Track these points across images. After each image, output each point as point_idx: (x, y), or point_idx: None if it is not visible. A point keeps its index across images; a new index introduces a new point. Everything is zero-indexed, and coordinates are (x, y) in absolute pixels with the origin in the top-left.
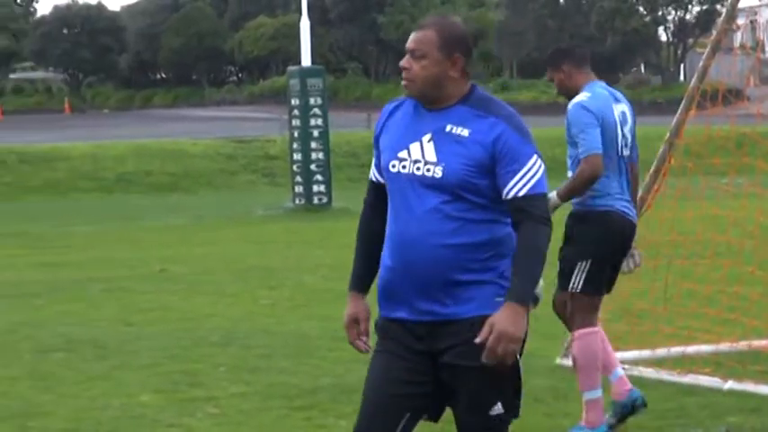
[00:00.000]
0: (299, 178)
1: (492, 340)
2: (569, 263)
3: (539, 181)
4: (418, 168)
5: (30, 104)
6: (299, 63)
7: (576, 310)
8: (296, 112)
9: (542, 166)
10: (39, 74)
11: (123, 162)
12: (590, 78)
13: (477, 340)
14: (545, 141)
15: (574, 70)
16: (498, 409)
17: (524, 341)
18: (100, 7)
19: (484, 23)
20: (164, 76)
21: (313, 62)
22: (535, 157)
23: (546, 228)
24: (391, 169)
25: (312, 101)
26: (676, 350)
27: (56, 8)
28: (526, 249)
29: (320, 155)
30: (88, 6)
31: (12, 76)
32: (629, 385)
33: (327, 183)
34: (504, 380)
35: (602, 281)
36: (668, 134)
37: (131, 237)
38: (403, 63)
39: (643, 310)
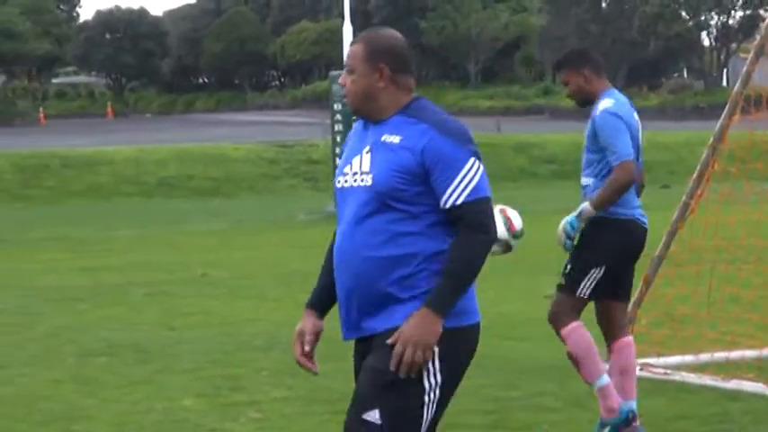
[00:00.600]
0: None
1: (398, 346)
2: (583, 268)
3: (476, 186)
4: (356, 180)
5: (72, 109)
6: (342, 68)
7: (570, 309)
8: (338, 116)
9: (480, 170)
10: (81, 78)
11: (165, 166)
12: (608, 85)
13: (389, 341)
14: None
15: (593, 75)
16: (374, 416)
17: (445, 364)
18: (142, 12)
19: (526, 28)
20: (206, 80)
21: None
22: (472, 161)
23: (484, 237)
24: (337, 185)
25: None
26: (720, 355)
27: (98, 13)
28: (457, 259)
29: None
30: (131, 11)
31: (55, 80)
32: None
33: None
34: (394, 391)
35: (606, 288)
36: (712, 139)
37: (173, 241)
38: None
39: (686, 315)
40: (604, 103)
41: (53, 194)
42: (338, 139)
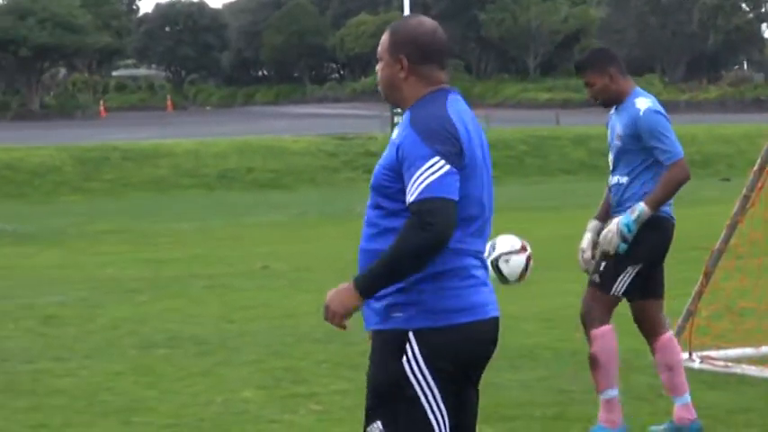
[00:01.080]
0: None
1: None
2: (618, 266)
3: (430, 185)
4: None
5: (132, 101)
6: None
7: (603, 308)
8: (397, 109)
9: (442, 170)
10: (141, 71)
11: (225, 159)
12: (634, 85)
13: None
14: None
15: (619, 75)
16: (377, 427)
17: (430, 364)
18: (202, 5)
19: (586, 21)
20: (265, 73)
21: None
22: (434, 159)
23: (425, 234)
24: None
25: None
26: None
27: (158, 6)
28: (392, 247)
29: None
30: (190, 4)
31: (115, 73)
32: (694, 415)
33: None
34: (390, 402)
35: (640, 287)
36: None
37: (233, 233)
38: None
39: (746, 307)
40: (644, 102)
41: (113, 187)
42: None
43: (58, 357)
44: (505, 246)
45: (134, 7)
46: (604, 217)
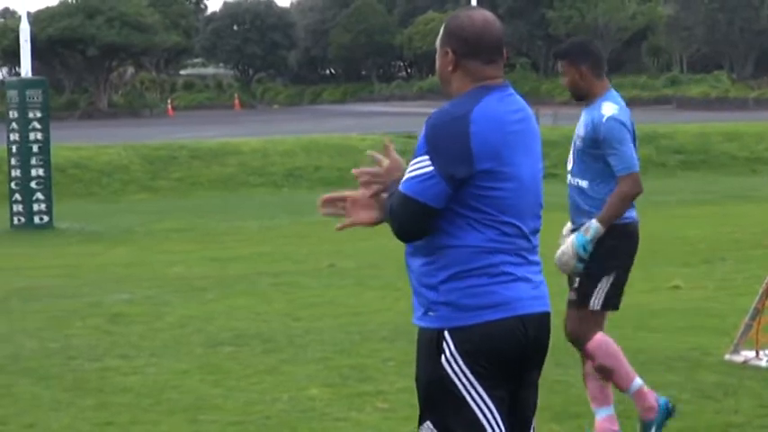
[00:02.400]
0: None
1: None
2: (592, 279)
3: (408, 180)
4: None
5: (200, 100)
6: None
7: (588, 325)
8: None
9: (423, 169)
10: (209, 70)
11: (292, 157)
12: (607, 85)
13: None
14: (713, 136)
15: (591, 73)
16: (428, 427)
17: (466, 359)
18: (269, 3)
19: (653, 18)
20: (333, 71)
21: None
22: (423, 157)
23: (392, 224)
24: None
25: None
26: None
27: (226, 5)
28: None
29: None
30: (258, 2)
31: (182, 72)
32: (617, 427)
33: None
34: (437, 401)
35: (621, 294)
36: None
37: (300, 232)
38: None
39: None
40: (609, 109)
41: (181, 186)
42: None
43: (124, 355)
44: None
45: (202, 6)
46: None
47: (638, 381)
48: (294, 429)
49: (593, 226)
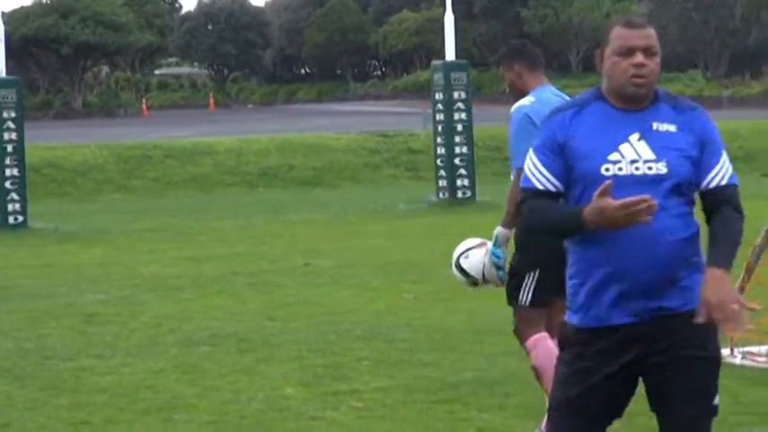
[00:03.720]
0: (442, 172)
1: (713, 314)
2: (516, 276)
3: (733, 172)
4: (637, 168)
5: (175, 100)
6: (443, 57)
7: (528, 321)
8: (440, 106)
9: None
10: (184, 69)
11: (267, 156)
12: (541, 82)
13: (700, 320)
14: None
15: (525, 71)
16: (717, 399)
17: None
18: (243, 3)
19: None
20: (308, 70)
21: (457, 56)
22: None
23: (742, 217)
24: (605, 173)
25: (456, 95)
26: None
27: (200, 4)
28: (726, 230)
29: (464, 149)
30: (232, 2)
31: (157, 71)
32: None
33: (471, 177)
34: (717, 373)
35: (550, 286)
36: None
37: (275, 231)
38: (640, 60)
39: None
40: (524, 100)
41: (156, 185)
42: (439, 128)
43: (99, 355)
44: (464, 245)
45: (176, 5)
46: None
47: None
48: (269, 429)
49: (497, 232)
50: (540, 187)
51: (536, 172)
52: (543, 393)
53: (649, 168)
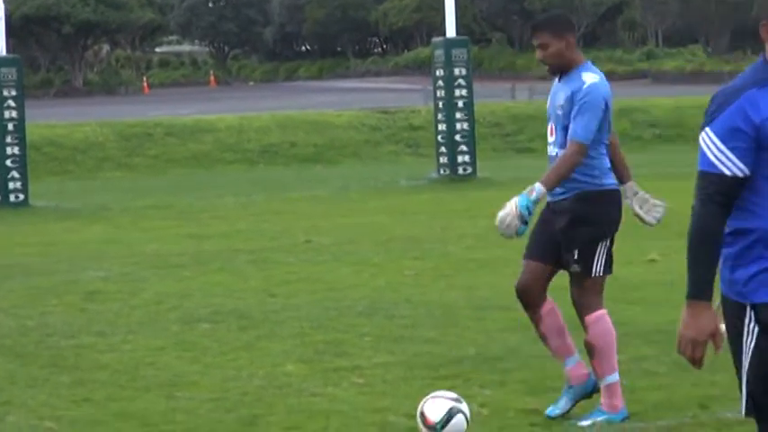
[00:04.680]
0: (443, 149)
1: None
2: (590, 246)
3: None
4: None
5: (175, 78)
6: (444, 34)
7: (594, 292)
8: (440, 82)
9: None
10: (184, 47)
11: (268, 134)
12: (584, 58)
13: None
14: (689, 110)
15: (574, 44)
16: None
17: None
18: None
19: None
20: (308, 48)
21: (457, 33)
22: None
23: None
24: None
25: (457, 71)
26: None
27: None
28: None
29: (465, 125)
30: None
31: (158, 49)
32: (588, 370)
33: (472, 153)
34: None
35: (612, 260)
36: None
37: (276, 208)
38: None
39: None
40: (591, 77)
41: (157, 163)
42: (440, 105)
43: (100, 332)
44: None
45: None
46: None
47: (616, 376)
48: (270, 405)
49: (537, 187)
50: (728, 173)
51: (722, 157)
52: (545, 367)
53: None
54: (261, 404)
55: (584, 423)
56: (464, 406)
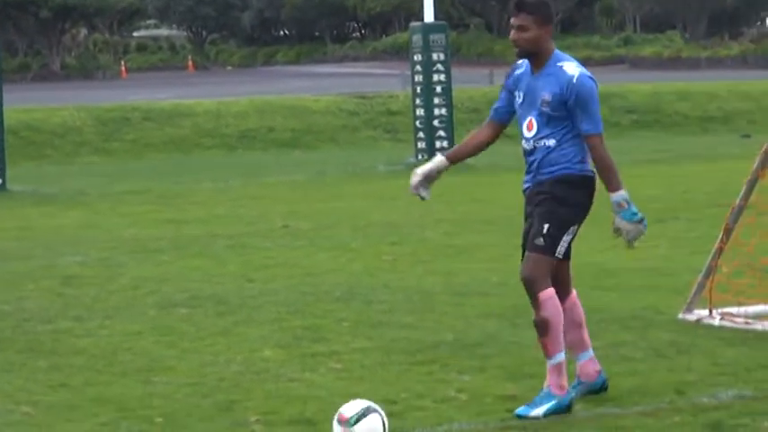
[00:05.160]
0: (421, 134)
1: None
2: (562, 226)
3: None
4: None
5: (153, 62)
6: (422, 19)
7: (547, 273)
8: (418, 67)
9: None
10: (162, 31)
11: (245, 119)
12: (553, 45)
13: None
14: (666, 96)
15: (550, 34)
16: None
17: None
18: None
19: None
20: (286, 32)
21: (436, 18)
22: None
23: None
24: None
25: (435, 56)
26: None
27: None
28: None
29: (443, 110)
30: None
31: (135, 33)
32: (599, 366)
33: (450, 138)
34: None
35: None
36: None
37: (254, 193)
38: None
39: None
40: (573, 68)
41: (134, 147)
42: (418, 90)
43: (78, 317)
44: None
45: None
46: (455, 159)
47: (564, 354)
48: (248, 390)
49: (618, 197)
50: None
51: None
52: (523, 353)
53: None
54: (238, 389)
55: (535, 413)
56: (383, 413)
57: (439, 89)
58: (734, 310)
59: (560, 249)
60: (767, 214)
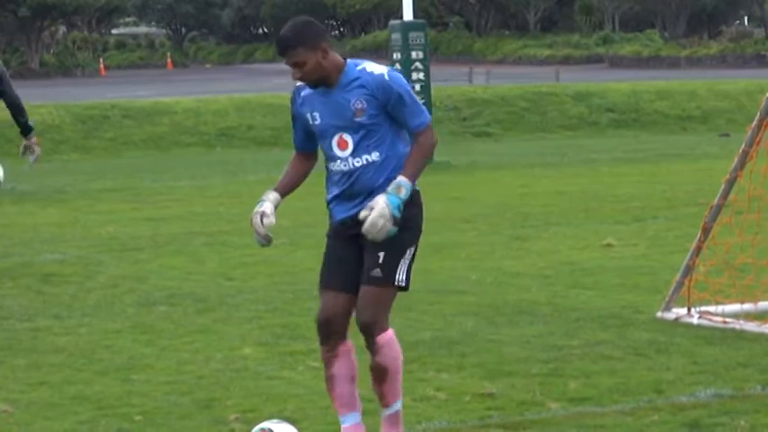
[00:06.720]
0: None
1: None
2: (399, 250)
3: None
4: None
5: (132, 60)
6: (401, 17)
7: (387, 308)
8: (397, 66)
9: None
10: (141, 29)
11: (225, 116)
12: (338, 56)
13: None
14: (645, 95)
15: (329, 49)
16: None
17: None
18: None
19: None
20: (266, 30)
21: (415, 16)
22: None
23: None
24: None
25: (414, 55)
26: None
27: None
28: None
29: None
30: None
31: (114, 31)
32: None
33: None
34: None
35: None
36: None
37: (233, 191)
38: None
39: (745, 263)
40: (378, 67)
41: (113, 145)
42: None
43: (56, 315)
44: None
45: None
46: (285, 191)
47: (400, 404)
48: (227, 388)
49: (405, 184)
50: None
51: None
52: (501, 351)
53: None
54: (217, 387)
55: None
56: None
57: (418, 87)
58: (712, 308)
59: (399, 277)
60: (745, 213)
